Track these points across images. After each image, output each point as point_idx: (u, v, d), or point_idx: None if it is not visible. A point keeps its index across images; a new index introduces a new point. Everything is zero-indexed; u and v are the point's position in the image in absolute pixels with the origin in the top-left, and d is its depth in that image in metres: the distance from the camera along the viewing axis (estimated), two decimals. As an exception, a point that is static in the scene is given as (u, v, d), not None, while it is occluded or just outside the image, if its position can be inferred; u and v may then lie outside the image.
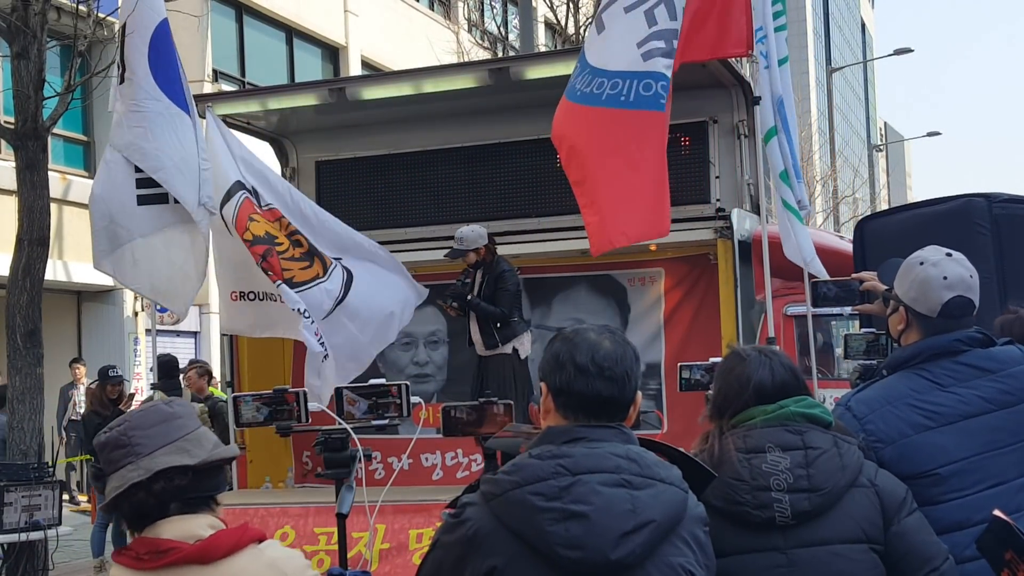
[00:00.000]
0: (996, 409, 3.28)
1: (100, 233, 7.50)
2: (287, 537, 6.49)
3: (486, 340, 8.41)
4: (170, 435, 2.63)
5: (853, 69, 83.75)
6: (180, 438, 2.63)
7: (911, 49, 39.13)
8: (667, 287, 8.82)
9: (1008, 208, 6.86)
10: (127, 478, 2.58)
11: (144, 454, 2.59)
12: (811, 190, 38.18)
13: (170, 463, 2.58)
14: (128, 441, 2.61)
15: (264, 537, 2.67)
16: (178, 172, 7.34)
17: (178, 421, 2.66)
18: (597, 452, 2.52)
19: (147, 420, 2.65)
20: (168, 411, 2.68)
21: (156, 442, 2.61)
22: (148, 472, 2.56)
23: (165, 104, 7.41)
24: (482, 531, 2.50)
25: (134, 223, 7.45)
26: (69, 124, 15.94)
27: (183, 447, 2.62)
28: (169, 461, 2.58)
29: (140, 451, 2.60)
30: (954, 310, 3.37)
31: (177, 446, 2.61)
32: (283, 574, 2.61)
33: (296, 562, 2.68)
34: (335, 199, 9.73)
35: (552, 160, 9.11)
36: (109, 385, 11.12)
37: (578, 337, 2.66)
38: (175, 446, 2.61)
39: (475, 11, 26.22)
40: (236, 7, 19.97)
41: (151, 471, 2.56)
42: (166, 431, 2.63)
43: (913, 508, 3.01)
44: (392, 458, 8.16)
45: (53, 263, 10.06)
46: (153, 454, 2.59)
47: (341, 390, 5.14)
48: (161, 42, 7.52)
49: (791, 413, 3.04)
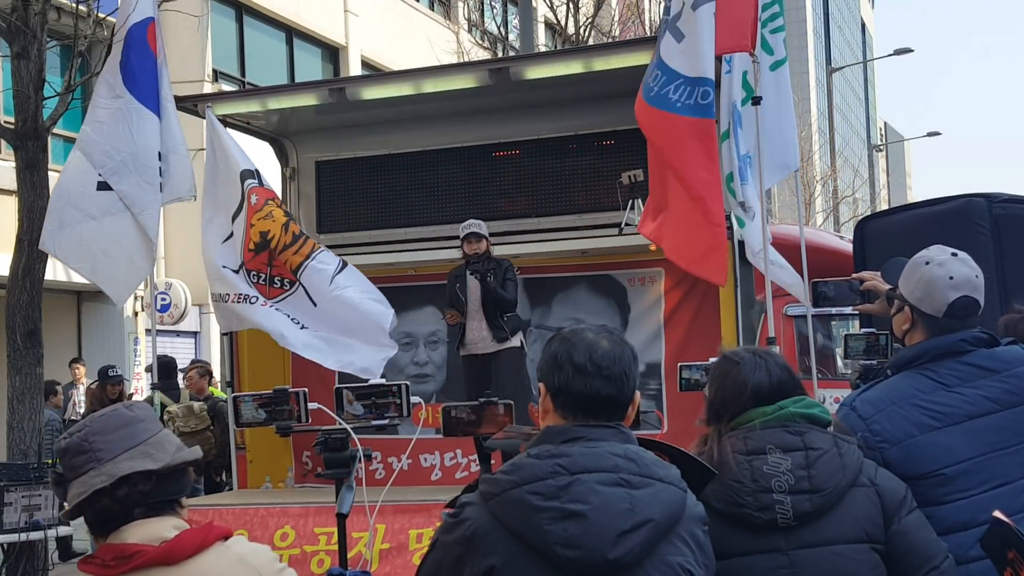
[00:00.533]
0: (1001, 409, 3.28)
1: (52, 214, 7.82)
2: (287, 537, 6.48)
3: (496, 333, 8.38)
4: (132, 439, 2.59)
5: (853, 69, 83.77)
6: (143, 442, 2.59)
7: (911, 49, 39.12)
8: (667, 287, 8.81)
9: (1008, 208, 6.87)
10: (90, 484, 2.54)
11: (106, 459, 2.55)
12: (811, 190, 38.21)
13: (133, 468, 2.54)
14: (89, 447, 2.57)
15: (230, 534, 2.65)
16: (123, 166, 7.65)
17: (140, 425, 2.62)
18: (595, 451, 2.52)
19: (108, 425, 2.60)
20: (129, 415, 2.63)
21: (118, 447, 2.57)
22: (111, 478, 2.53)
23: (126, 100, 7.72)
24: (480, 530, 2.50)
25: (86, 205, 7.71)
26: (69, 124, 15.88)
27: (146, 451, 2.58)
28: (132, 466, 2.55)
29: (102, 456, 2.56)
30: (959, 310, 3.37)
31: (140, 450, 2.58)
32: (253, 568, 2.59)
33: (264, 556, 2.66)
34: (335, 199, 9.74)
35: (552, 160, 9.15)
36: (109, 385, 11.12)
37: (576, 337, 2.66)
38: (138, 450, 2.58)
39: (475, 11, 26.23)
40: (236, 7, 19.96)
41: (114, 477, 2.53)
42: (128, 435, 2.59)
43: (913, 507, 3.01)
44: (392, 458, 8.16)
45: (53, 263, 10.02)
46: (116, 459, 2.55)
47: (341, 390, 5.14)
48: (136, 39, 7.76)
49: (791, 414, 3.03)
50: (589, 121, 8.97)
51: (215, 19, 19.12)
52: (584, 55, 8.89)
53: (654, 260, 8.66)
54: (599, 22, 22.99)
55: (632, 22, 25.87)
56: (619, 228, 8.36)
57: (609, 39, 22.79)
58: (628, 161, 8.55)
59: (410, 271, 9.43)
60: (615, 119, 8.79)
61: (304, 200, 9.85)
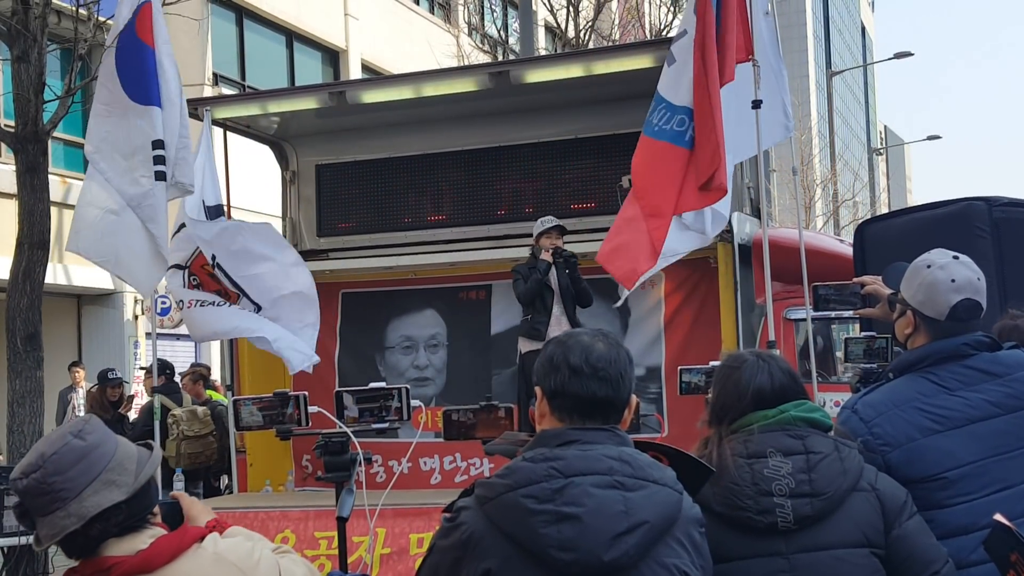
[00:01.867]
0: (1003, 413, 3.28)
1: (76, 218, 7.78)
2: (288, 541, 6.48)
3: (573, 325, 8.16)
4: (92, 471, 2.53)
5: (853, 73, 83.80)
6: (103, 470, 2.54)
7: (911, 53, 39.14)
8: (667, 291, 8.81)
9: (1008, 212, 6.86)
10: (60, 526, 2.50)
11: (71, 498, 2.50)
12: (811, 194, 38.21)
13: (102, 505, 2.50)
14: (50, 488, 2.51)
15: (205, 535, 2.65)
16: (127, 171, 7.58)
17: (95, 453, 2.56)
18: (590, 454, 2.53)
19: (63, 462, 2.52)
20: (82, 445, 2.56)
21: (79, 483, 2.51)
22: (82, 519, 2.49)
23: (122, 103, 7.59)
24: (476, 534, 2.50)
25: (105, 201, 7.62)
26: (69, 128, 15.93)
27: (109, 479, 2.53)
28: (100, 502, 2.50)
29: (66, 496, 2.50)
30: (962, 313, 3.37)
31: (103, 480, 2.53)
32: (231, 564, 2.59)
33: (240, 550, 2.66)
34: (335, 202, 9.74)
35: (552, 163, 9.15)
36: (109, 388, 11.11)
37: (571, 340, 2.68)
38: (101, 481, 2.53)
39: (475, 15, 26.22)
40: (236, 10, 19.96)
41: (84, 518, 2.49)
42: (86, 468, 2.53)
43: (913, 512, 3.01)
44: (392, 462, 8.15)
45: (53, 266, 10.05)
46: (80, 496, 2.50)
47: (341, 393, 5.14)
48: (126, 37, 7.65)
49: (792, 418, 3.03)
50: (589, 125, 8.98)
51: (215, 22, 19.12)
52: (584, 59, 8.88)
53: (655, 264, 8.65)
54: (599, 26, 22.99)
55: (632, 26, 25.88)
56: (619, 232, 8.34)
57: (609, 43, 22.80)
58: (628, 165, 8.53)
59: (410, 274, 9.43)
60: (615, 123, 8.80)
61: (304, 203, 9.86)
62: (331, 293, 9.60)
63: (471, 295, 9.40)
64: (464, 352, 9.36)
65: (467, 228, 9.29)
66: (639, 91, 8.48)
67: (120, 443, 2.64)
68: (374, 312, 9.63)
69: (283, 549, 2.87)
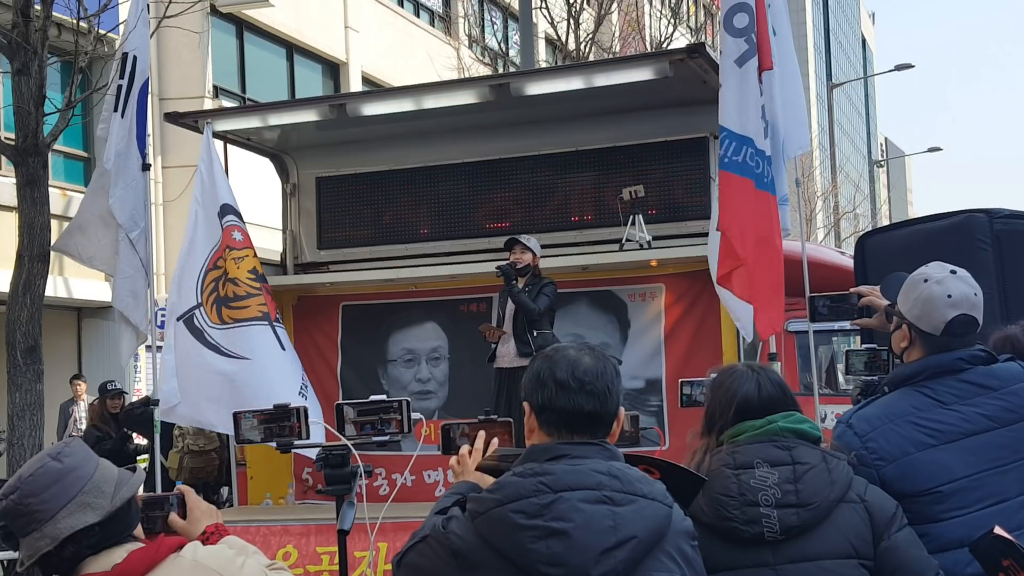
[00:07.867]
0: (998, 427, 3.28)
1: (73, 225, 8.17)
2: (290, 556, 6.47)
3: (521, 348, 8.19)
4: (67, 493, 2.54)
5: (854, 85, 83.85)
6: (79, 492, 2.55)
7: (912, 65, 39.23)
8: (668, 303, 8.79)
9: (1009, 224, 6.85)
10: (35, 547, 2.52)
11: (46, 520, 2.52)
12: (812, 206, 38.24)
13: (75, 527, 2.51)
14: (26, 509, 2.53)
15: (183, 544, 2.65)
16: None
17: (72, 475, 2.57)
18: (579, 469, 2.54)
19: (39, 484, 2.55)
20: (59, 467, 2.58)
21: (55, 505, 2.53)
22: (55, 541, 2.51)
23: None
24: (465, 548, 2.52)
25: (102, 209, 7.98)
26: (70, 140, 15.93)
27: (84, 502, 2.54)
28: (73, 524, 2.51)
29: (41, 517, 2.52)
30: (958, 328, 3.37)
31: (78, 503, 2.54)
32: (210, 570, 2.59)
33: (221, 556, 2.66)
34: (336, 215, 9.74)
35: (552, 176, 9.15)
36: (109, 399, 11.10)
37: (558, 355, 2.69)
38: (76, 503, 2.54)
39: (476, 27, 26.27)
40: (237, 23, 19.97)
41: (57, 539, 2.51)
42: (62, 490, 2.54)
43: (904, 524, 3.02)
44: (396, 475, 8.13)
45: (53, 279, 10.04)
46: (55, 518, 2.52)
47: (342, 406, 5.12)
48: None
49: (779, 428, 3.06)
50: (590, 137, 8.97)
51: (215, 35, 19.13)
52: (585, 71, 8.86)
53: (655, 276, 8.65)
54: (600, 38, 23.03)
55: (633, 38, 25.93)
56: (620, 244, 8.35)
57: (610, 55, 22.83)
58: (629, 177, 8.55)
59: (411, 287, 9.42)
60: (616, 135, 8.80)
61: (304, 216, 9.85)
62: (332, 305, 9.59)
63: (472, 308, 9.38)
64: (466, 365, 9.33)
65: (468, 240, 9.28)
66: (640, 103, 8.50)
67: (100, 465, 2.64)
68: (375, 325, 9.61)
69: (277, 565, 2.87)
